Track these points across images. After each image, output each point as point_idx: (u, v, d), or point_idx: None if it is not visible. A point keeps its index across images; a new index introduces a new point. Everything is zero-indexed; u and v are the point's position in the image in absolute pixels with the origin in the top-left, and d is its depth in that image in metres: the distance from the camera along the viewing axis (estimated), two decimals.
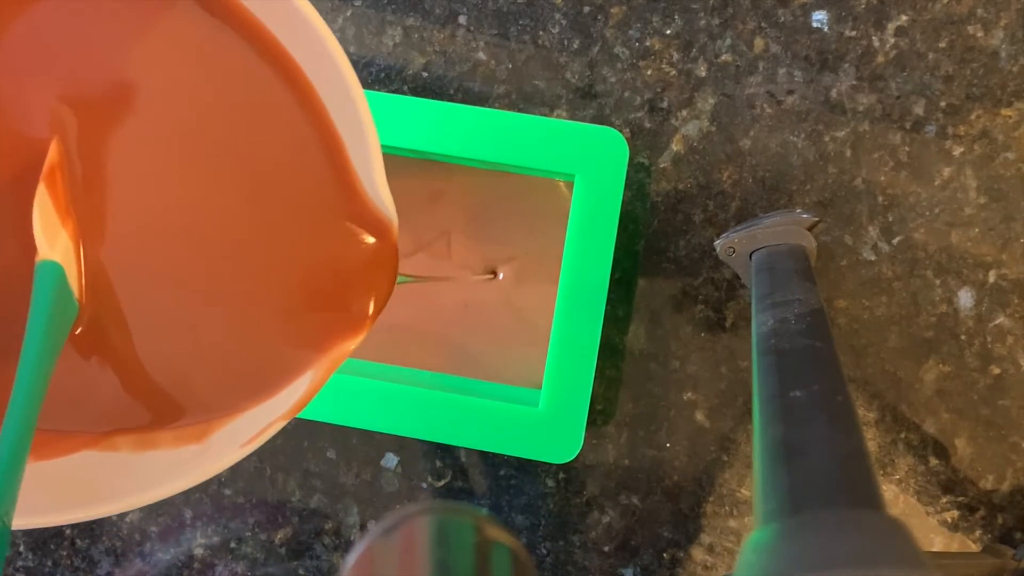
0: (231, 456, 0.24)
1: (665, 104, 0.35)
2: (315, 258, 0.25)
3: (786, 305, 0.26)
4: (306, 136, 0.24)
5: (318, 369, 0.25)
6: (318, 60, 0.23)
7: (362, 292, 0.25)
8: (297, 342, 0.25)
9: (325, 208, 0.25)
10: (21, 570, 0.37)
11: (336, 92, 0.24)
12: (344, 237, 0.25)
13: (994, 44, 0.34)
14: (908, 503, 0.34)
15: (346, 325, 0.25)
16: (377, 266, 0.25)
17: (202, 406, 0.25)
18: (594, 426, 0.35)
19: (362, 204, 0.24)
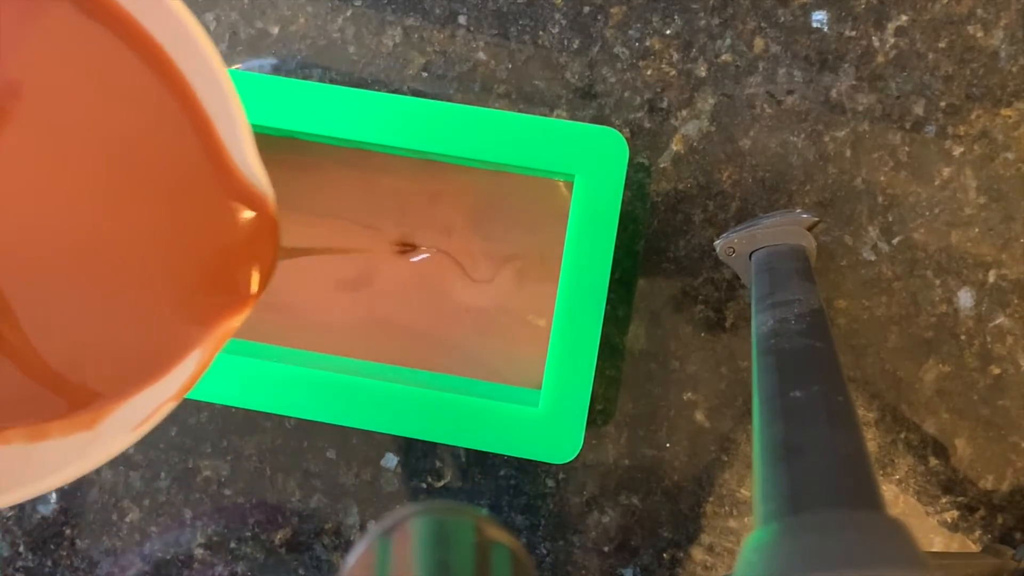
0: (122, 441, 0.24)
1: (665, 104, 0.35)
2: (195, 238, 0.25)
3: (786, 305, 0.26)
4: (175, 117, 0.25)
5: (205, 348, 0.25)
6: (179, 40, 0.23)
7: (245, 268, 0.25)
8: (183, 322, 0.25)
9: (200, 187, 0.25)
10: (21, 570, 0.37)
11: (200, 72, 0.24)
12: (221, 214, 0.25)
13: (994, 44, 0.34)
14: (908, 503, 0.34)
15: (231, 302, 0.25)
16: (258, 241, 0.25)
17: (93, 394, 0.25)
18: (594, 426, 0.35)
19: (236, 180, 0.25)
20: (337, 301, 0.35)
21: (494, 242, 0.34)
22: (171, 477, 0.36)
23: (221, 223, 0.25)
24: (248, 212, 0.25)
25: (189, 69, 0.24)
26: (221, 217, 0.25)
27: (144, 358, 0.25)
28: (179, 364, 0.25)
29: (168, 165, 0.25)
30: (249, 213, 0.25)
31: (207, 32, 0.23)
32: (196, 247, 0.25)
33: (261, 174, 0.25)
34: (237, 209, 0.25)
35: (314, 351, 0.35)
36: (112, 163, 0.25)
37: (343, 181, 0.35)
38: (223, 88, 0.24)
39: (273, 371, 0.31)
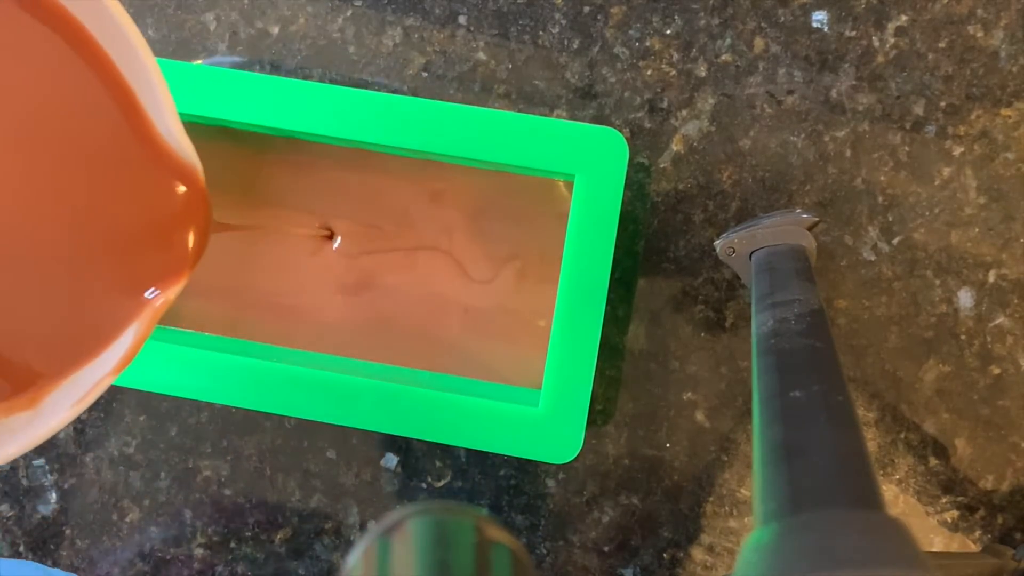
0: (61, 417, 0.24)
1: (665, 104, 0.35)
2: (126, 211, 0.25)
3: (786, 305, 0.26)
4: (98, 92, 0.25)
5: (141, 322, 0.25)
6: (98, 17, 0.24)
7: (177, 240, 0.26)
8: (118, 297, 0.25)
9: (128, 160, 0.25)
10: None
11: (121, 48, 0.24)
12: (151, 187, 0.25)
13: (994, 44, 0.34)
14: (908, 503, 0.34)
15: (165, 274, 0.25)
16: (189, 212, 0.25)
17: (33, 373, 0.25)
18: (594, 426, 0.35)
19: (163, 152, 0.25)
20: (338, 302, 0.35)
21: (494, 242, 0.34)
22: (171, 477, 0.36)
23: (151, 196, 0.25)
24: (177, 183, 0.25)
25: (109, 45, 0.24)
26: (150, 190, 0.25)
27: (82, 335, 0.25)
28: (117, 339, 0.25)
29: (94, 140, 0.25)
30: (178, 184, 0.25)
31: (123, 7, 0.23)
32: (127, 221, 0.25)
33: (187, 145, 0.25)
34: (166, 181, 0.25)
35: (315, 351, 0.35)
36: (37, 141, 0.25)
37: (343, 181, 0.35)
38: (143, 61, 0.24)
39: (273, 371, 0.31)
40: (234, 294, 0.35)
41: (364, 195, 0.35)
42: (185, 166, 0.25)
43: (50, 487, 0.37)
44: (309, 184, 0.35)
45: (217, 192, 0.35)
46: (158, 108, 0.24)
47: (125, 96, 0.25)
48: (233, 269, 0.35)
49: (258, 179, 0.35)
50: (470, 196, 0.34)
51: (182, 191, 0.25)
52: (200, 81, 0.31)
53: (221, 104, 0.31)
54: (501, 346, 0.34)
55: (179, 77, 0.31)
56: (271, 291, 0.35)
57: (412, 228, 0.35)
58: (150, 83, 0.24)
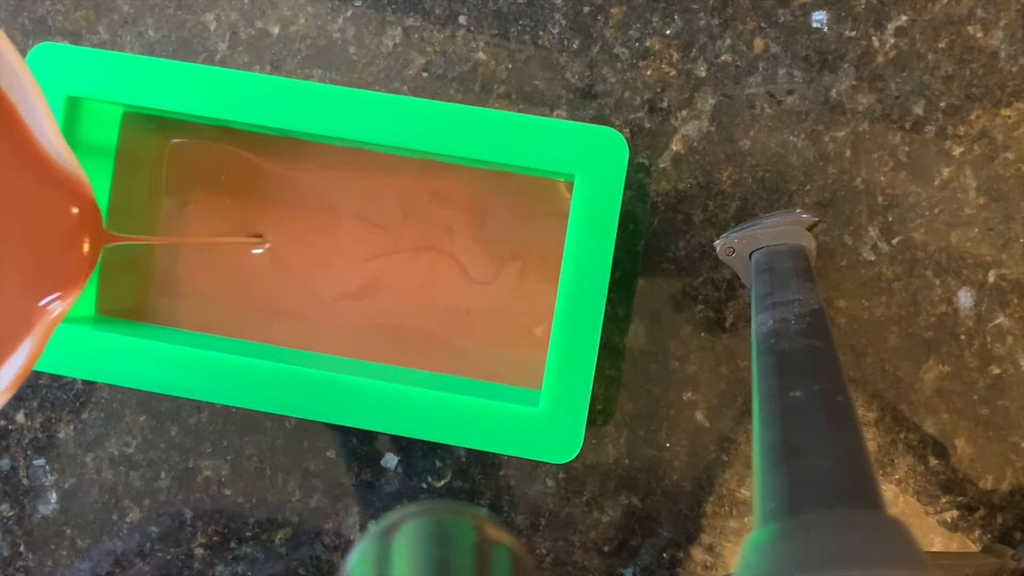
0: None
1: (665, 104, 0.35)
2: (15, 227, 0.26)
3: (786, 305, 0.26)
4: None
5: (35, 336, 0.25)
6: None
7: (70, 251, 0.26)
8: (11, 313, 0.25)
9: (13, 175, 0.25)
10: (21, 570, 0.37)
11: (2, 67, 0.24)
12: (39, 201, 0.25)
13: (994, 44, 0.34)
14: (908, 503, 0.34)
15: (59, 287, 0.25)
16: (79, 223, 0.26)
17: None
18: (594, 426, 0.35)
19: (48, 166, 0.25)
20: (341, 306, 0.35)
21: (495, 242, 0.34)
22: (171, 477, 0.36)
23: (39, 209, 0.25)
24: (65, 195, 0.25)
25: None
26: (39, 203, 0.25)
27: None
28: (11, 355, 0.25)
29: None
30: (66, 196, 0.25)
31: None
32: (17, 236, 0.25)
33: (70, 156, 0.25)
34: (54, 193, 0.25)
35: (315, 352, 0.35)
36: None
37: (343, 181, 0.35)
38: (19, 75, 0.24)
39: (273, 371, 0.31)
40: (235, 297, 0.35)
41: (365, 195, 0.35)
42: (70, 177, 0.25)
43: (50, 487, 0.37)
44: (309, 184, 0.35)
45: (217, 192, 0.35)
46: (38, 122, 0.24)
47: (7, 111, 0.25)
48: (234, 271, 0.35)
49: (257, 179, 0.35)
50: (470, 196, 0.34)
51: (70, 202, 0.25)
52: (200, 81, 0.31)
53: (221, 104, 0.31)
54: (502, 346, 0.34)
55: (179, 77, 0.31)
56: (272, 294, 0.35)
57: (414, 229, 0.35)
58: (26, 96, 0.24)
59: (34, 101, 0.24)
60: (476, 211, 0.34)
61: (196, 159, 0.35)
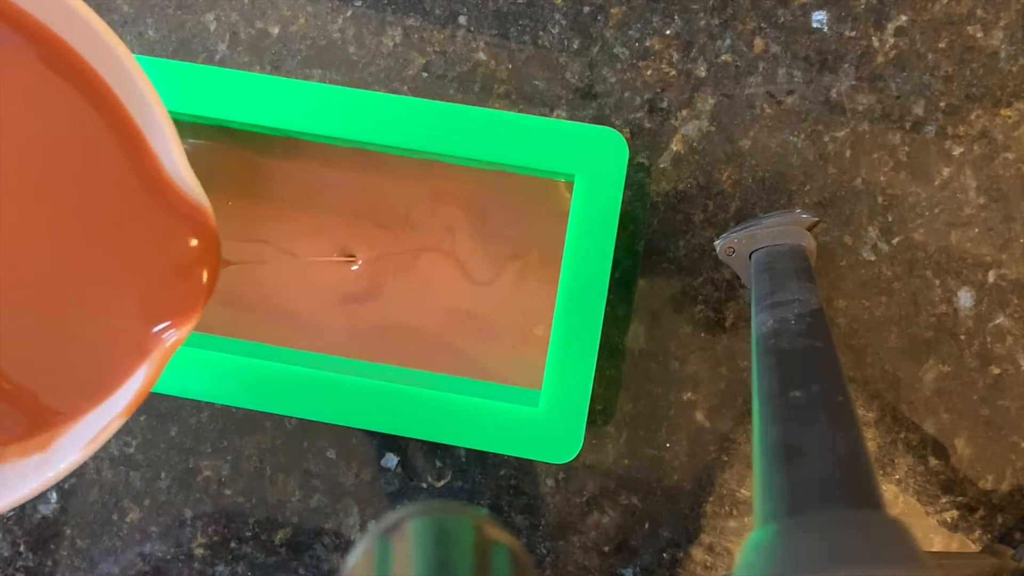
0: (72, 459, 0.24)
1: (665, 104, 0.35)
2: (137, 252, 0.25)
3: (786, 305, 0.26)
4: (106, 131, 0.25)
5: (152, 362, 0.25)
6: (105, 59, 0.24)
7: (189, 280, 0.26)
8: (129, 338, 0.25)
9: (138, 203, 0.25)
10: (21, 570, 0.37)
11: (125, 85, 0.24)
12: (162, 228, 0.25)
13: (994, 44, 0.34)
14: (908, 503, 0.34)
15: (175, 315, 0.25)
16: (199, 252, 0.25)
17: (46, 411, 0.25)
18: (594, 426, 0.35)
19: (173, 193, 0.25)
20: (342, 307, 0.35)
21: (495, 242, 0.34)
22: (171, 477, 0.36)
23: (161, 237, 0.25)
24: (187, 224, 0.25)
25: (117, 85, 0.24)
26: (161, 231, 0.25)
27: (95, 376, 0.25)
28: (127, 380, 0.25)
29: (106, 182, 0.25)
30: (188, 225, 0.25)
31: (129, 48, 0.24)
32: (142, 263, 0.25)
33: (195, 185, 0.25)
34: (176, 222, 0.25)
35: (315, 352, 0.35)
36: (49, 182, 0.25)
37: (344, 181, 0.35)
38: (149, 102, 0.24)
39: (273, 371, 0.31)
40: (236, 298, 0.35)
41: (365, 195, 0.35)
42: (195, 207, 0.25)
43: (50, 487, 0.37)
44: (309, 184, 0.35)
45: (217, 193, 0.35)
46: (166, 149, 0.24)
47: (134, 138, 0.25)
48: (235, 272, 0.35)
49: (258, 179, 0.35)
50: (471, 196, 0.34)
51: (193, 232, 0.25)
52: (200, 81, 0.31)
53: (221, 104, 0.31)
54: (502, 347, 0.34)
55: (179, 77, 0.31)
56: (276, 297, 0.35)
57: (415, 229, 0.35)
58: (157, 124, 0.24)
59: (163, 128, 0.24)
60: (476, 211, 0.34)
61: (196, 159, 0.35)
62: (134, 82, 0.24)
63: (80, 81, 0.24)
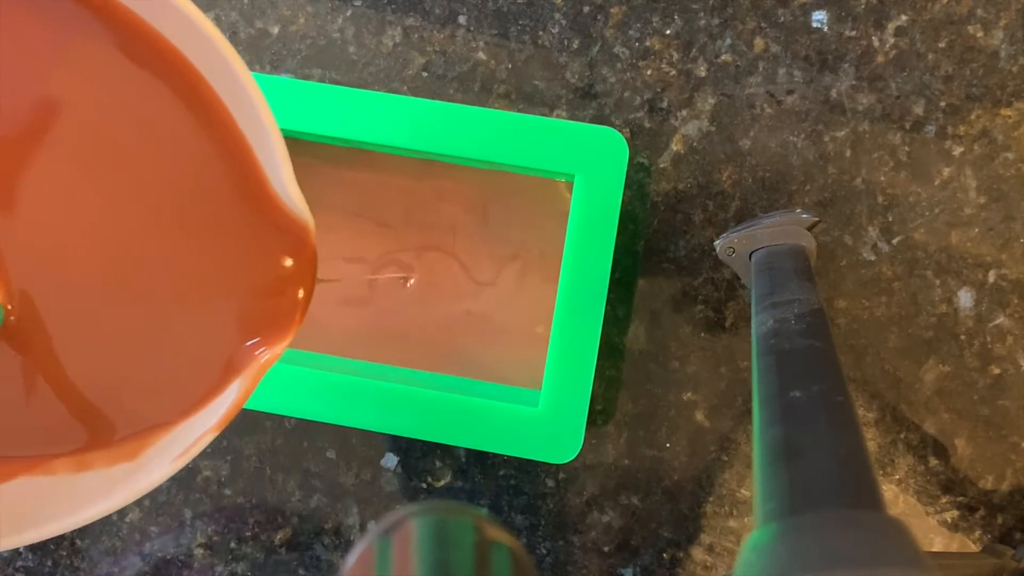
0: (163, 471, 0.24)
1: (665, 104, 0.35)
2: (238, 264, 0.25)
3: (786, 305, 0.26)
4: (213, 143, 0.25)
5: (245, 377, 0.25)
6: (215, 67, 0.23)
7: (286, 297, 0.25)
8: (224, 350, 0.25)
9: (241, 216, 0.25)
10: (21, 570, 0.37)
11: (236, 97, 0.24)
12: (264, 243, 0.25)
13: (994, 44, 0.34)
14: (908, 503, 0.34)
15: (273, 329, 0.25)
16: (299, 269, 0.25)
17: (136, 420, 0.25)
18: (594, 426, 0.35)
19: (277, 208, 0.25)
20: (341, 305, 0.35)
21: (496, 242, 0.34)
22: (171, 477, 0.36)
23: (264, 250, 0.25)
24: (289, 240, 0.25)
25: (227, 96, 0.24)
26: (264, 245, 0.25)
27: (187, 386, 0.25)
28: (220, 394, 0.25)
29: (210, 192, 0.25)
30: (290, 241, 0.25)
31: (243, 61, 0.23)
32: (240, 274, 0.25)
33: (300, 202, 0.24)
34: (279, 238, 0.25)
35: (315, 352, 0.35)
36: (152, 190, 0.25)
37: (345, 180, 0.35)
38: (260, 116, 0.23)
39: (273, 371, 0.31)
40: None
41: (366, 195, 0.35)
42: (298, 222, 0.25)
43: None
44: (310, 183, 0.35)
45: None
46: (273, 164, 0.24)
47: (242, 150, 0.24)
48: None
49: None
50: (471, 196, 0.34)
51: (294, 249, 0.25)
52: None
53: None
54: (501, 346, 0.34)
55: None
56: None
57: (417, 228, 0.35)
58: (266, 138, 0.24)
59: (273, 145, 0.24)
60: (477, 211, 0.34)
61: None
62: (248, 96, 0.23)
63: (190, 92, 0.24)
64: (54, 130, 0.24)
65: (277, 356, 0.25)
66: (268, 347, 0.25)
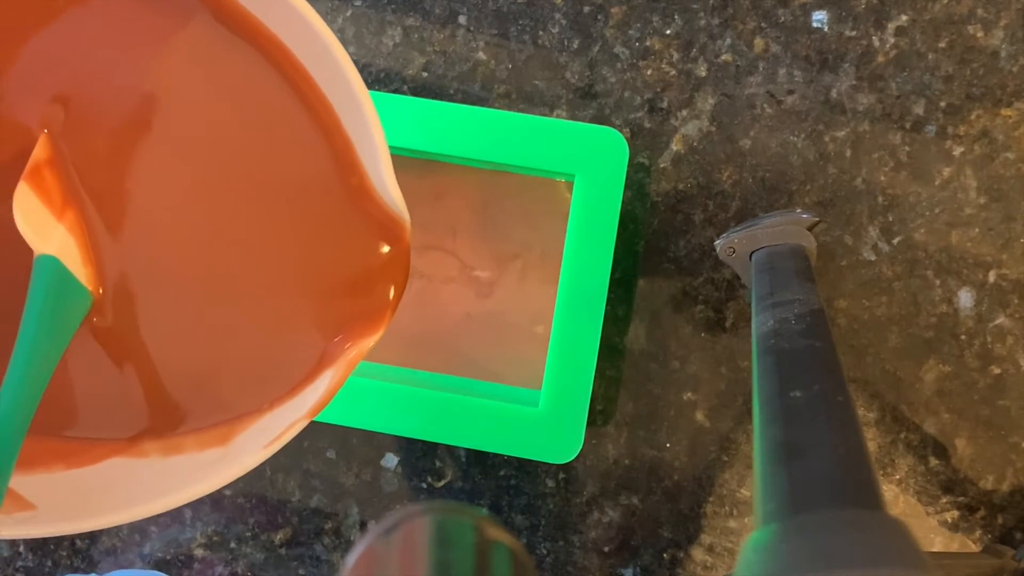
0: (253, 458, 0.24)
1: (665, 104, 0.35)
2: (333, 258, 0.25)
3: (786, 305, 0.26)
4: (316, 137, 0.25)
5: (337, 368, 0.25)
6: (323, 64, 0.23)
7: (379, 290, 0.25)
8: (316, 341, 0.25)
9: (339, 209, 0.25)
10: (21, 570, 0.37)
11: (341, 93, 0.24)
12: (360, 237, 0.25)
13: (994, 44, 0.34)
14: (908, 503, 0.34)
15: (364, 322, 0.25)
16: (392, 264, 0.25)
17: (226, 407, 0.25)
18: (594, 426, 0.35)
19: (375, 204, 0.25)
20: None
21: (496, 242, 0.34)
22: None
23: (359, 246, 0.25)
24: (385, 236, 0.25)
25: (332, 92, 0.24)
26: (359, 240, 0.25)
27: (277, 374, 0.25)
28: (311, 383, 0.25)
29: (308, 186, 0.25)
30: (386, 237, 0.25)
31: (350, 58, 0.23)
32: (334, 268, 0.25)
33: (399, 199, 0.24)
34: (374, 232, 0.25)
35: None
36: (251, 179, 0.25)
37: None
38: (364, 113, 0.23)
39: None
40: None
41: None
42: (395, 219, 0.25)
43: None
44: None
45: None
46: (374, 160, 0.24)
47: (343, 145, 0.24)
48: None
49: None
50: (471, 196, 0.34)
51: (390, 244, 0.25)
52: None
53: None
54: (501, 346, 0.34)
55: None
56: None
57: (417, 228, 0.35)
58: (369, 135, 0.24)
59: (375, 141, 0.24)
60: (477, 210, 0.34)
61: None
62: (352, 93, 0.23)
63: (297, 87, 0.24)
64: (157, 118, 0.24)
65: (368, 349, 0.25)
66: (360, 339, 0.25)
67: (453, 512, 0.18)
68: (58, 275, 0.23)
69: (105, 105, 0.24)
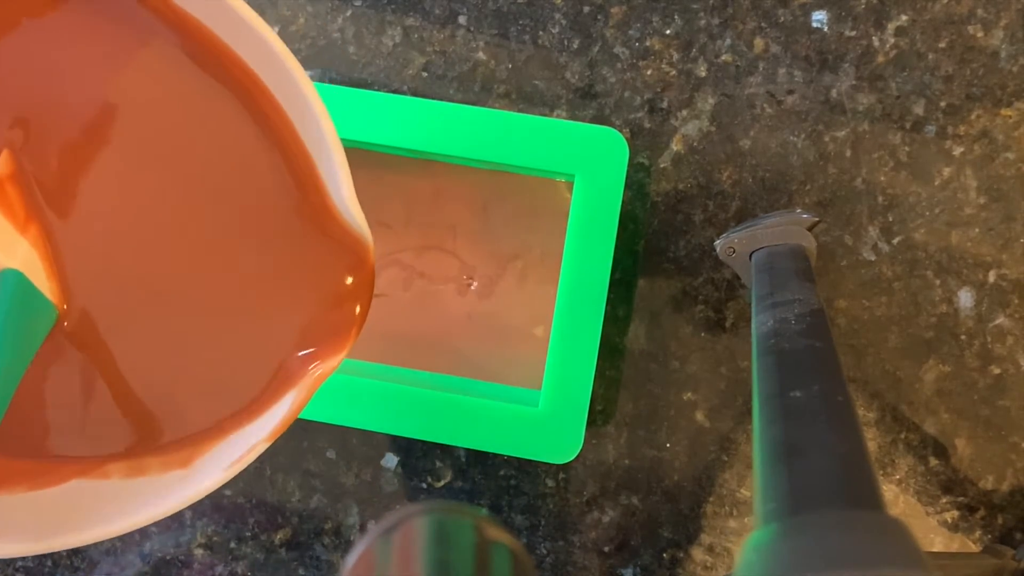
0: (214, 479, 0.24)
1: (665, 104, 0.35)
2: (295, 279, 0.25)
3: (786, 305, 0.26)
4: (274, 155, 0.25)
5: (300, 390, 0.25)
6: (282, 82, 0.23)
7: (343, 311, 0.25)
8: (279, 362, 0.25)
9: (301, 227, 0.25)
10: (21, 570, 0.37)
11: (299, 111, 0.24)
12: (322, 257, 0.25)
13: (994, 44, 0.34)
14: (908, 503, 0.34)
15: (328, 343, 0.25)
16: (356, 285, 0.25)
17: (187, 423, 0.25)
18: (594, 426, 0.35)
19: (336, 223, 0.25)
20: None
21: (497, 242, 0.34)
22: None
23: (321, 266, 0.25)
24: (347, 256, 0.25)
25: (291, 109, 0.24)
26: (322, 259, 0.25)
27: (240, 396, 0.25)
28: (274, 405, 0.25)
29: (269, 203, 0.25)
30: (348, 257, 0.25)
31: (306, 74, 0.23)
32: (294, 287, 0.25)
33: (360, 218, 0.24)
34: (336, 253, 0.25)
35: None
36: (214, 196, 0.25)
37: None
38: (322, 129, 0.23)
39: None
40: None
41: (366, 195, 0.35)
42: (357, 239, 0.25)
43: None
44: None
45: None
46: (334, 178, 0.24)
47: (304, 163, 0.24)
48: None
49: None
50: (471, 196, 0.34)
51: (352, 264, 0.25)
52: None
53: None
54: (501, 346, 0.34)
55: None
56: None
57: (417, 228, 0.35)
58: (328, 152, 0.24)
59: (334, 160, 0.24)
60: (477, 211, 0.34)
61: None
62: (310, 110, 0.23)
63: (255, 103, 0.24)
64: (117, 133, 0.24)
65: (332, 370, 0.25)
66: (322, 361, 0.25)
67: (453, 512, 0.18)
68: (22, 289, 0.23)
69: (66, 122, 0.24)
